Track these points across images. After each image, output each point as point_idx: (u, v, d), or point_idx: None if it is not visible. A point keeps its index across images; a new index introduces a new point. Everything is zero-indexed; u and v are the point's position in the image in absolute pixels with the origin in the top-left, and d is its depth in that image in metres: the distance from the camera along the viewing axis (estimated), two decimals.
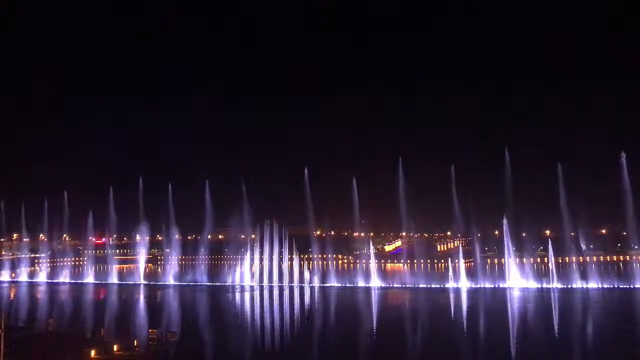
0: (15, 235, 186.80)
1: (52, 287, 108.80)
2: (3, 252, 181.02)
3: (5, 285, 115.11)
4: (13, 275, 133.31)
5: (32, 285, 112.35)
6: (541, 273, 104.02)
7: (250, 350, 45.84)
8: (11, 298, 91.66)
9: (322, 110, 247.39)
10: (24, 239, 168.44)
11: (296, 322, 62.19)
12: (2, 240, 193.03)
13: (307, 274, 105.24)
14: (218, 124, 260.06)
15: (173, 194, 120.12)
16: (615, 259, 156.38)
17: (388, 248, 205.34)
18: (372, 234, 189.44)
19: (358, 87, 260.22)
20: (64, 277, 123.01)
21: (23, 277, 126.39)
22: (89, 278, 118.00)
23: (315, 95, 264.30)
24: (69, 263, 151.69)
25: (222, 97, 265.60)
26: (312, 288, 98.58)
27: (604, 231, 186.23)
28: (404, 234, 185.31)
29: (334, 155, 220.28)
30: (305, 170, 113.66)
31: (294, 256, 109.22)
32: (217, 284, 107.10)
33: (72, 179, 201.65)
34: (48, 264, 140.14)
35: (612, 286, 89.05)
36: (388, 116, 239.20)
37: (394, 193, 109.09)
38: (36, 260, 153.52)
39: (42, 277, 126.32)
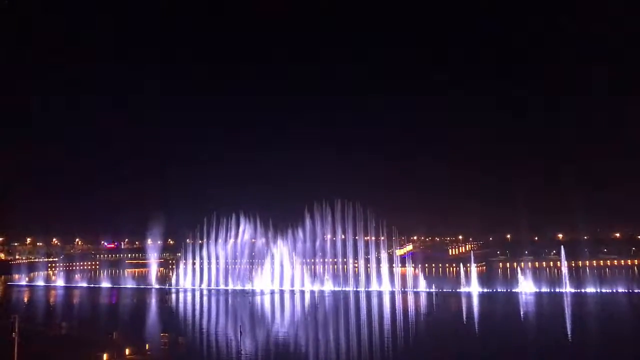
0: (29, 239, 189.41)
1: (67, 290, 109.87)
2: (17, 256, 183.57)
3: (23, 288, 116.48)
4: (28, 279, 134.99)
5: (47, 289, 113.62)
6: (553, 277, 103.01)
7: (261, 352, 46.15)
8: (26, 301, 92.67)
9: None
10: (38, 243, 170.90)
11: (304, 328, 62.29)
12: (16, 244, 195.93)
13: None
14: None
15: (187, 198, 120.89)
16: (629, 263, 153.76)
17: (399, 252, 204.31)
18: (382, 238, 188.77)
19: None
20: (79, 281, 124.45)
21: (39, 281, 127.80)
22: (103, 282, 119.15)
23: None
24: (83, 267, 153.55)
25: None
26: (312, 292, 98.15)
27: (618, 235, 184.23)
28: (415, 237, 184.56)
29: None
30: None
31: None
32: (228, 287, 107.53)
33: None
34: (63, 268, 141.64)
35: (627, 291, 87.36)
36: (388, 115, 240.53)
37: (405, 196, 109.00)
38: (49, 265, 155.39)
39: (57, 280, 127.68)
